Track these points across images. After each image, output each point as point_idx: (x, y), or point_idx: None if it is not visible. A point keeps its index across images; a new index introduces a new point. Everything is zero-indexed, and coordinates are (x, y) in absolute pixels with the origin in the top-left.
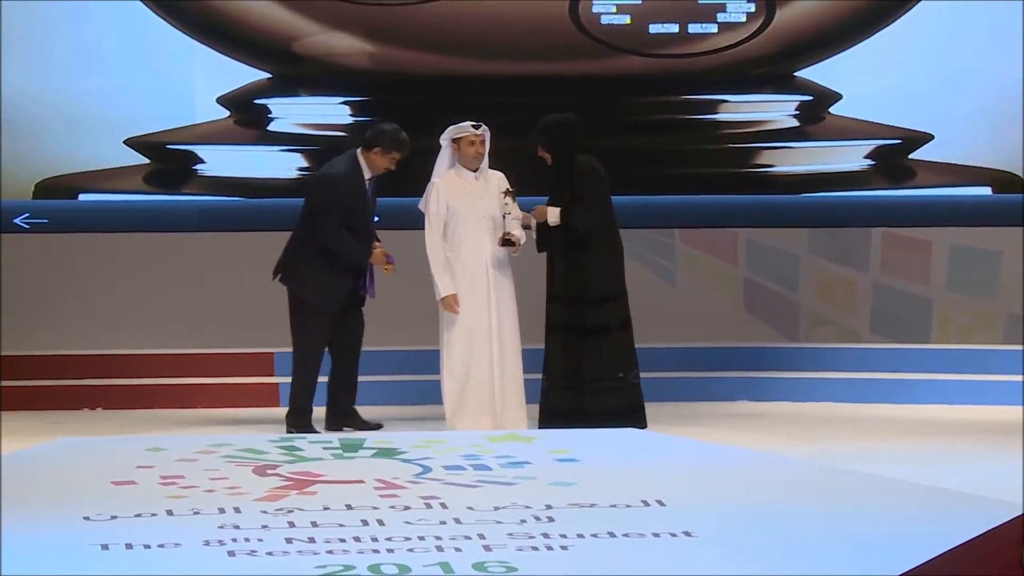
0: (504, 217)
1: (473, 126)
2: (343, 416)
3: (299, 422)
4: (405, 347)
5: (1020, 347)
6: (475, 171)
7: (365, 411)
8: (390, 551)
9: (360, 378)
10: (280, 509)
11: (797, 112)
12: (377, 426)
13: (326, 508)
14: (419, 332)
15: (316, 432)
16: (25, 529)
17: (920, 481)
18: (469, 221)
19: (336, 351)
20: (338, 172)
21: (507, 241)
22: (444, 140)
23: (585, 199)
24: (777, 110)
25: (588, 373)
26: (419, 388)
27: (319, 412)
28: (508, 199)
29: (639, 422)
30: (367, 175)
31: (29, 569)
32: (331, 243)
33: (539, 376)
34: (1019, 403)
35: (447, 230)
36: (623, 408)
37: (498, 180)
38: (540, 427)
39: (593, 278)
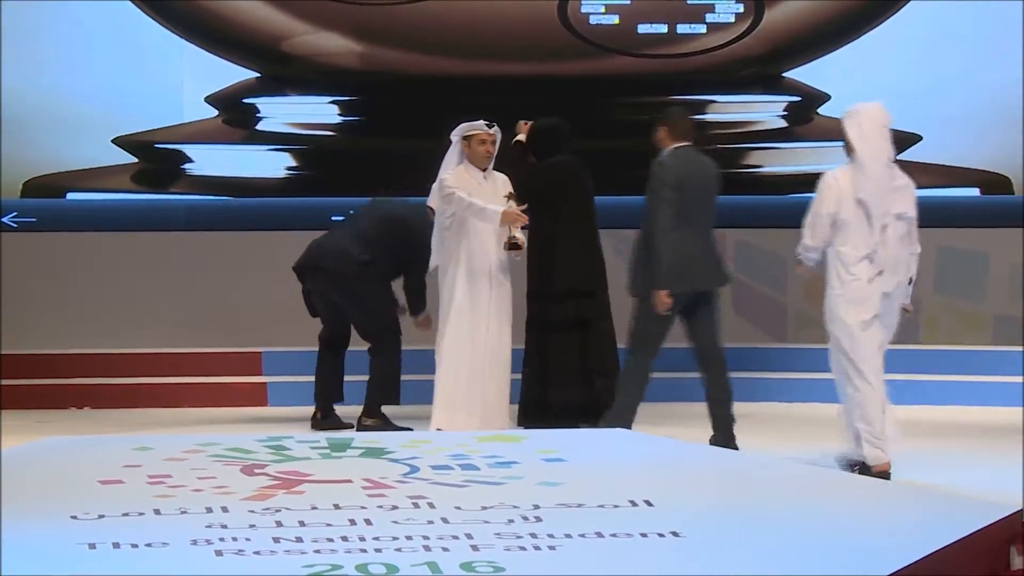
0: None
1: (487, 125)
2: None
3: None
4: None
5: (1007, 348)
6: (483, 171)
7: (356, 411)
8: (378, 551)
9: (352, 378)
10: (268, 508)
11: (785, 113)
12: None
13: (314, 508)
14: (414, 331)
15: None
16: (12, 528)
17: (908, 482)
18: (476, 220)
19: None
20: None
21: (513, 245)
22: (455, 136)
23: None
24: (765, 111)
25: (554, 367)
26: (412, 388)
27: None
28: (512, 202)
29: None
30: None
31: (16, 569)
32: None
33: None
34: (1007, 404)
35: (456, 221)
36: (583, 405)
37: (503, 183)
38: (519, 419)
39: (563, 274)
